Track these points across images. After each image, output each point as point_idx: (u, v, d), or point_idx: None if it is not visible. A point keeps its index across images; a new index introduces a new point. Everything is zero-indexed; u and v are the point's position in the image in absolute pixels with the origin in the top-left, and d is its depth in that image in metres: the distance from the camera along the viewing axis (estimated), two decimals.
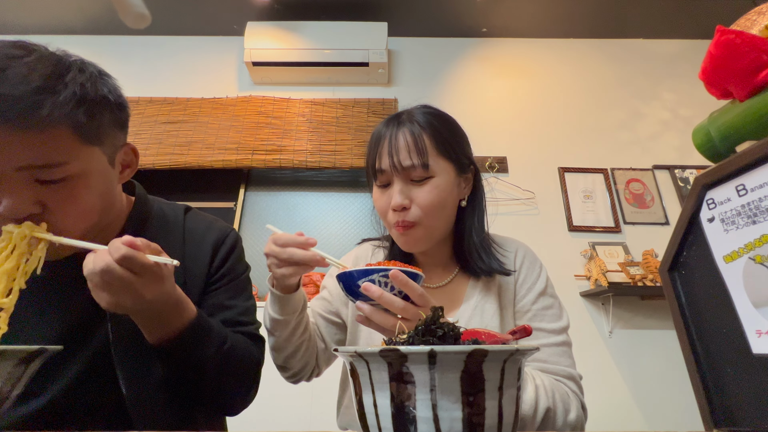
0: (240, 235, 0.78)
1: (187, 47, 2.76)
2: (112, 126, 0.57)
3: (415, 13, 2.62)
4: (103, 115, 0.55)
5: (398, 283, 0.50)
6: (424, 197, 0.65)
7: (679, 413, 1.94)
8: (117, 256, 0.46)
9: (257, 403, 0.71)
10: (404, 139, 0.66)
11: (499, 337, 0.43)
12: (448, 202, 0.68)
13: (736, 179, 0.41)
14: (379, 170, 0.68)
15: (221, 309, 0.69)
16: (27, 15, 2.60)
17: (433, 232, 0.68)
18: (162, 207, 0.73)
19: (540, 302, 0.70)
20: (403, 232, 0.66)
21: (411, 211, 0.65)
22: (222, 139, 2.45)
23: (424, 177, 0.65)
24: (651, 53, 2.75)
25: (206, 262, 0.69)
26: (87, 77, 0.53)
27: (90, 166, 0.54)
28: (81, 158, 0.52)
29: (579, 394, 0.63)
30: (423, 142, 0.66)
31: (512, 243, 0.78)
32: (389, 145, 0.67)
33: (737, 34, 0.43)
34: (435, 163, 0.66)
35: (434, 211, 0.66)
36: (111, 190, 0.59)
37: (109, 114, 0.56)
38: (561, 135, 2.54)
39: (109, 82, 0.58)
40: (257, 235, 2.36)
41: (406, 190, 0.66)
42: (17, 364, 0.40)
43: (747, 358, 0.38)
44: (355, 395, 0.33)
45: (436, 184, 0.66)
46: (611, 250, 2.24)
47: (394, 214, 0.66)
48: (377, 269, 0.51)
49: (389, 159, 0.66)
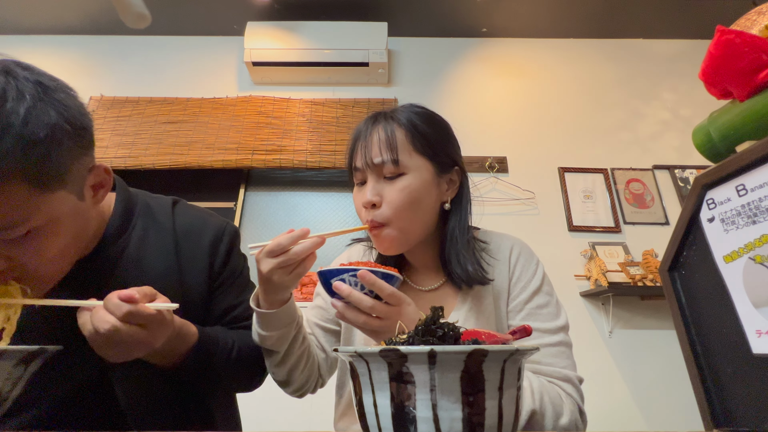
0: (237, 228, 0.76)
1: (187, 47, 2.76)
2: (74, 158, 0.48)
3: (415, 13, 2.62)
4: (60, 150, 0.46)
5: (366, 282, 0.52)
6: (394, 195, 0.63)
7: (679, 413, 1.94)
8: (120, 314, 0.44)
9: (258, 402, 0.72)
10: (377, 135, 0.65)
11: (499, 337, 0.43)
12: (423, 202, 0.65)
13: (736, 179, 0.41)
14: (355, 168, 0.67)
15: (231, 309, 0.69)
16: (27, 15, 2.60)
17: (406, 233, 0.65)
18: (147, 201, 0.67)
19: (534, 301, 0.68)
20: (375, 232, 0.64)
21: (381, 210, 0.63)
22: (222, 139, 2.45)
23: (395, 174, 0.64)
24: (651, 53, 2.75)
25: (205, 263, 0.67)
26: (29, 105, 0.43)
27: (56, 212, 0.47)
28: (43, 209, 0.45)
29: (575, 396, 0.60)
30: (395, 138, 0.64)
31: (507, 240, 0.75)
32: (364, 142, 0.66)
33: (737, 34, 0.43)
34: (408, 159, 0.64)
35: (404, 209, 0.63)
36: (85, 222, 0.54)
37: (68, 143, 0.47)
38: (561, 135, 2.54)
39: (59, 101, 0.46)
40: (257, 235, 2.36)
41: (378, 187, 0.64)
42: (17, 364, 0.40)
43: (747, 358, 0.38)
44: (355, 395, 0.33)
45: (408, 181, 0.63)
46: (611, 250, 2.24)
47: (366, 212, 0.65)
48: (347, 269, 0.53)
49: (362, 156, 0.65)
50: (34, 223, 0.45)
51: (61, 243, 0.49)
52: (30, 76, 0.45)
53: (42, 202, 0.45)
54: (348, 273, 0.53)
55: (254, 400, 0.77)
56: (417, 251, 0.73)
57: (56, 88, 0.47)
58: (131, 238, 0.62)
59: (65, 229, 0.49)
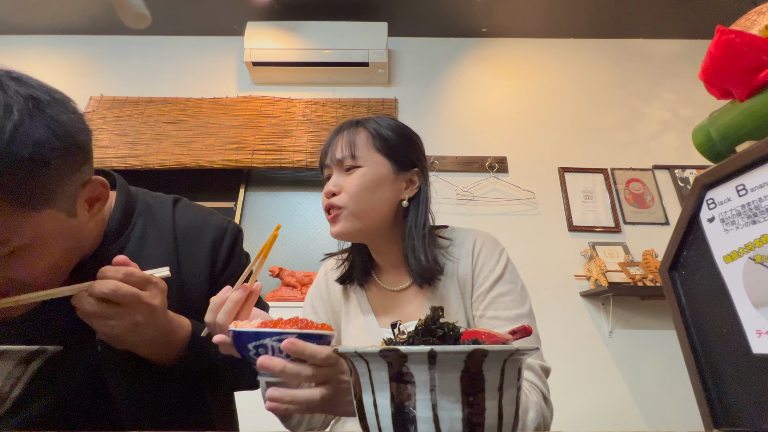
0: (239, 226, 0.75)
1: (187, 47, 2.76)
2: (63, 176, 0.46)
3: (415, 13, 2.62)
4: (47, 169, 0.43)
5: (294, 354, 0.44)
6: (350, 183, 0.70)
7: (679, 413, 1.94)
8: (120, 275, 0.45)
9: (256, 403, 0.71)
10: (342, 137, 0.74)
11: (499, 337, 0.43)
12: (377, 192, 0.71)
13: (736, 179, 0.41)
14: (324, 164, 0.76)
15: None
16: (27, 15, 2.60)
17: (359, 217, 0.70)
18: (147, 200, 0.66)
19: (496, 289, 0.68)
20: (332, 219, 0.71)
21: (339, 196, 0.70)
22: (222, 139, 2.45)
23: (352, 166, 0.71)
24: (651, 53, 2.75)
25: (206, 263, 0.67)
26: (15, 122, 0.40)
27: (42, 231, 0.45)
28: (26, 229, 0.43)
29: (539, 384, 0.59)
30: (354, 138, 0.73)
31: (471, 234, 0.76)
32: (332, 143, 0.75)
33: (737, 34, 0.43)
34: (366, 154, 0.72)
35: (358, 195, 0.69)
36: (78, 237, 0.51)
37: (57, 162, 0.44)
38: (561, 135, 2.54)
39: (51, 116, 0.44)
40: (257, 236, 2.36)
41: (339, 180, 0.72)
42: (17, 364, 0.40)
43: (747, 358, 0.38)
44: (354, 395, 0.33)
45: (363, 172, 0.71)
46: (611, 250, 2.24)
47: (326, 201, 0.72)
48: (269, 332, 0.44)
49: (329, 154, 0.74)
50: (17, 242, 0.43)
51: (50, 260, 0.47)
52: (21, 89, 0.43)
53: (25, 222, 0.43)
54: (271, 337, 0.44)
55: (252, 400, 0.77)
56: (381, 249, 0.77)
57: (50, 102, 0.45)
58: (131, 236, 0.61)
59: (53, 246, 0.47)
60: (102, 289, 0.45)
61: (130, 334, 0.49)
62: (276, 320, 0.47)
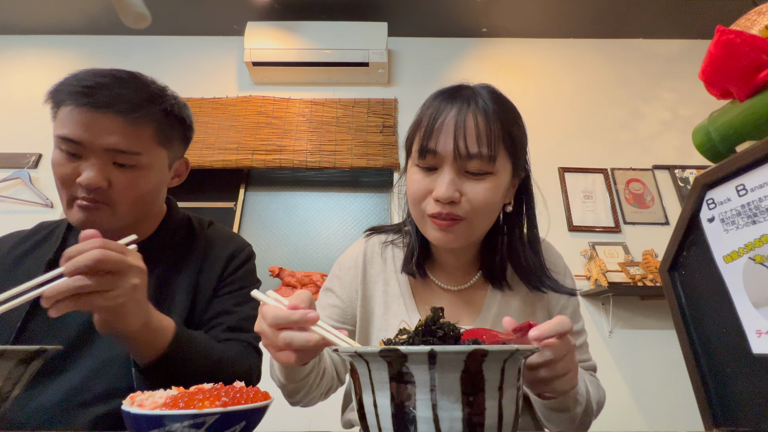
0: (255, 253, 0.82)
1: (187, 47, 2.75)
2: (180, 140, 0.71)
3: (415, 13, 2.62)
4: (178, 129, 0.69)
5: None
6: (480, 194, 0.56)
7: (679, 413, 1.94)
8: (99, 243, 0.45)
9: None
10: (474, 122, 0.55)
11: (500, 337, 0.43)
12: (498, 205, 0.60)
13: (736, 179, 0.41)
14: (432, 151, 0.57)
15: (225, 313, 0.69)
16: (27, 15, 2.60)
17: (476, 231, 0.60)
18: (189, 217, 0.80)
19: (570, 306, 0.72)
20: (445, 226, 0.57)
21: (461, 205, 0.56)
22: (222, 139, 2.45)
23: (484, 171, 0.56)
24: (651, 53, 2.75)
25: (220, 268, 0.73)
26: (176, 103, 0.68)
27: (155, 162, 0.65)
28: (151, 154, 0.64)
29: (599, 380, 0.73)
30: (495, 132, 0.56)
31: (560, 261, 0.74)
32: (455, 126, 0.55)
33: (737, 34, 0.43)
34: (500, 158, 0.57)
35: (485, 210, 0.57)
36: (161, 188, 0.70)
37: (181, 130, 0.70)
38: (561, 135, 2.54)
39: (186, 111, 0.72)
40: (257, 236, 2.36)
41: (458, 182, 0.56)
42: (17, 364, 0.40)
43: (747, 358, 0.38)
44: (355, 395, 0.33)
45: (495, 182, 0.57)
46: (611, 250, 2.24)
47: (436, 204, 0.57)
48: (183, 414, 0.32)
49: (453, 142, 0.55)
50: (141, 161, 0.62)
51: (145, 189, 0.64)
52: (179, 97, 0.72)
53: (154, 149, 0.64)
54: (186, 420, 0.32)
55: None
56: (461, 250, 0.68)
57: (187, 107, 0.73)
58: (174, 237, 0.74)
59: (153, 179, 0.65)
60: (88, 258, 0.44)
61: (133, 304, 0.48)
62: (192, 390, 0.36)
